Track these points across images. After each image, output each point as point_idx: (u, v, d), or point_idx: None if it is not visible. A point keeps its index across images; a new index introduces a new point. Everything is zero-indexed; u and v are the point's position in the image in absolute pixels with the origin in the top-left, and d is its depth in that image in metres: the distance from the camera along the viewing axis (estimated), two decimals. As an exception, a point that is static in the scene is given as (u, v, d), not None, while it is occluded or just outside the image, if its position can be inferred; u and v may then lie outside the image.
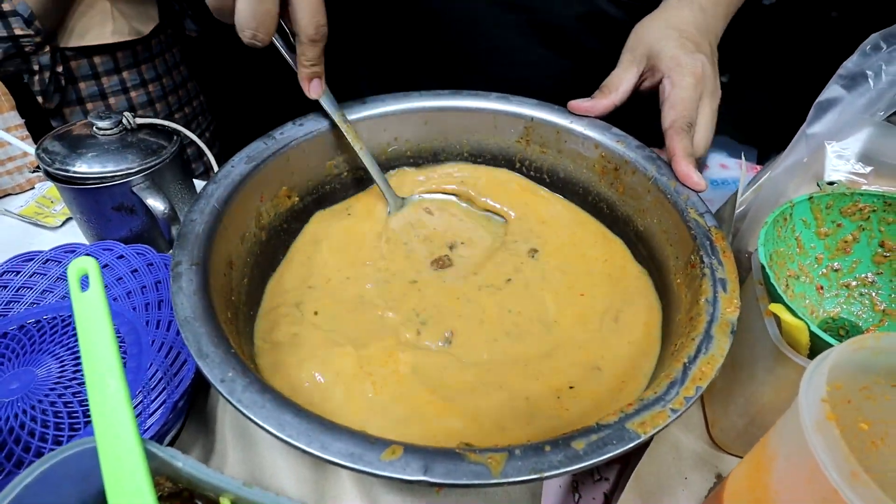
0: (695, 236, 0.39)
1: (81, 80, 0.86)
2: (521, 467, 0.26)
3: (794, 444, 0.26)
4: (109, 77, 0.87)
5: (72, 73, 0.85)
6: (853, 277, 0.40)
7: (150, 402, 0.39)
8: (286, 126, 0.47)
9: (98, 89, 0.87)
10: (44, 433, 0.38)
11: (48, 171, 0.49)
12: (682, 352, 0.33)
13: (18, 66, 0.78)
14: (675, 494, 0.39)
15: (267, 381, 0.31)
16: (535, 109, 0.50)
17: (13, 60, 0.77)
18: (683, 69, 0.44)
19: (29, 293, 0.48)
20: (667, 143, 0.43)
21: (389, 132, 0.52)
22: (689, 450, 0.42)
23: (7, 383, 0.40)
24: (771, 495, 0.27)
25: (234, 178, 0.42)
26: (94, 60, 0.85)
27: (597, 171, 0.49)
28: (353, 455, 0.27)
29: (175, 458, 0.27)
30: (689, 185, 0.42)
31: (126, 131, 0.51)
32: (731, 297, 0.35)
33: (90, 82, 0.86)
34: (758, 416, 0.37)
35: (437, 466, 0.26)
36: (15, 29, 0.75)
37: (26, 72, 0.79)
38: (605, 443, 0.27)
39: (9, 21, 0.74)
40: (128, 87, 0.90)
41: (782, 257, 0.39)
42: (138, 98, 0.91)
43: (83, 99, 0.87)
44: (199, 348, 0.31)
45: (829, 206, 0.38)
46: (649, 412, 0.29)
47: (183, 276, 0.35)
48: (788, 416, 0.27)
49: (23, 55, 0.78)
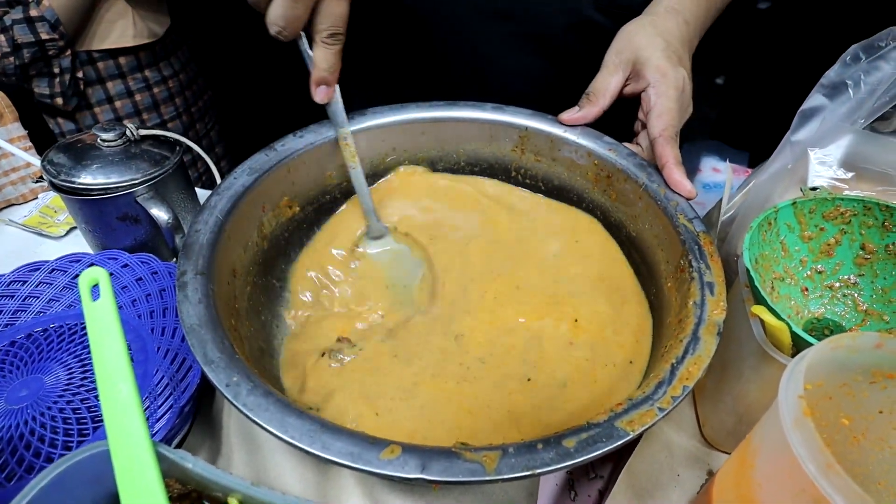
0: (684, 241, 0.40)
1: (108, 79, 0.90)
2: (514, 464, 0.28)
3: (775, 440, 0.27)
4: (133, 76, 0.91)
5: (99, 73, 0.88)
6: (836, 279, 0.41)
7: (157, 408, 0.40)
8: (287, 138, 0.48)
9: (125, 88, 0.91)
10: (53, 439, 0.39)
11: (53, 183, 0.50)
12: (670, 353, 0.34)
13: (40, 70, 0.82)
14: (667, 491, 0.41)
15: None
16: (530, 119, 0.52)
17: (36, 64, 0.80)
18: (669, 81, 0.46)
19: (35, 302, 0.49)
20: (657, 151, 0.45)
21: (388, 143, 0.53)
22: (681, 448, 0.43)
23: (16, 391, 0.41)
24: (755, 488, 0.29)
25: (237, 189, 0.43)
26: (120, 61, 0.89)
27: (590, 178, 0.51)
28: (353, 454, 0.28)
29: (185, 460, 0.28)
30: (681, 192, 0.43)
31: (130, 142, 0.53)
32: (717, 299, 0.36)
33: (116, 81, 0.90)
34: (745, 413, 0.39)
35: (433, 465, 0.28)
36: (41, 34, 0.78)
37: (47, 75, 0.82)
38: (594, 440, 0.29)
39: (35, 26, 0.77)
40: (148, 85, 0.94)
41: (768, 260, 0.40)
42: (159, 95, 0.95)
43: (112, 98, 0.91)
44: (205, 354, 0.33)
45: (812, 211, 0.40)
46: (637, 411, 0.30)
47: (188, 285, 0.36)
48: (770, 413, 0.29)
49: (45, 59, 0.81)
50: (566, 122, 0.50)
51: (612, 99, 0.49)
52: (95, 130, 0.51)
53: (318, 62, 0.42)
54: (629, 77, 0.49)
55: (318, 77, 0.43)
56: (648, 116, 0.47)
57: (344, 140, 0.48)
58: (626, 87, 0.49)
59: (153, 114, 0.96)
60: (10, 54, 0.78)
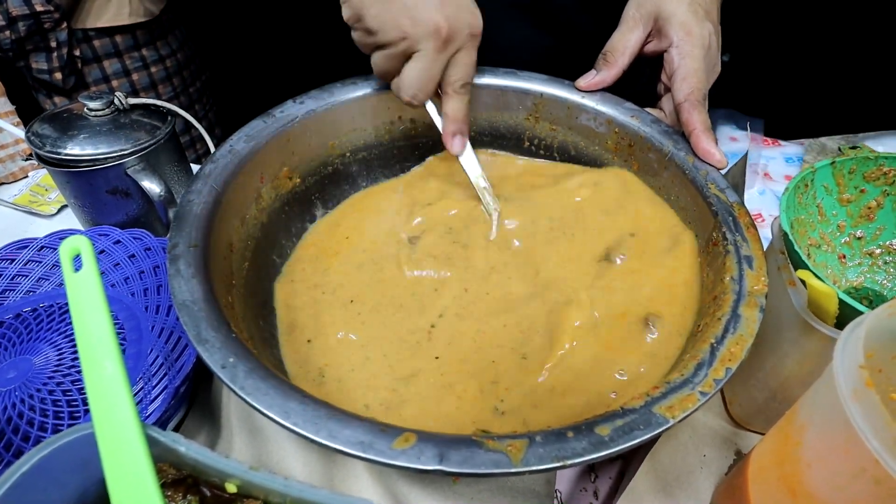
0: (716, 213, 0.37)
1: (105, 58, 0.87)
2: (542, 455, 0.25)
3: (828, 414, 0.24)
4: (130, 55, 0.89)
5: (95, 52, 0.86)
6: (877, 245, 0.38)
7: (152, 389, 0.38)
8: (286, 104, 0.45)
9: (121, 67, 0.89)
10: (43, 422, 0.36)
11: (39, 155, 0.47)
12: (707, 332, 0.31)
13: (37, 45, 0.80)
14: (692, 472, 0.38)
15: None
16: (545, 85, 0.49)
17: (33, 38, 0.78)
18: (694, 39, 0.42)
19: (24, 281, 0.47)
20: (682, 117, 0.42)
21: (393, 111, 0.50)
22: (706, 427, 0.41)
23: (4, 372, 0.39)
24: (802, 468, 0.26)
25: (233, 157, 0.41)
26: (116, 39, 0.87)
27: (610, 147, 0.48)
28: (364, 444, 0.25)
29: (177, 443, 0.26)
30: (711, 162, 0.40)
31: (118, 112, 0.50)
32: (758, 274, 0.33)
33: (113, 59, 0.88)
34: (779, 390, 0.36)
35: (452, 455, 0.25)
36: (36, 5, 0.75)
37: (44, 49, 0.80)
38: (631, 428, 0.26)
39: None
40: (145, 65, 0.91)
41: (803, 225, 0.37)
42: (157, 75, 0.94)
43: (108, 77, 0.89)
44: (199, 333, 0.30)
45: (853, 171, 0.37)
46: (677, 395, 0.28)
47: (180, 258, 0.34)
48: (820, 385, 0.26)
49: (42, 32, 0.78)
50: (583, 89, 0.47)
51: (632, 58, 0.45)
52: (82, 99, 0.49)
53: (454, 113, 0.43)
54: (650, 34, 0.45)
55: (454, 129, 0.43)
56: (672, 79, 0.43)
57: (482, 186, 0.46)
58: (648, 46, 0.45)
59: (151, 93, 0.94)
60: (6, 28, 0.76)
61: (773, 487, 0.29)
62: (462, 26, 0.40)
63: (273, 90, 0.68)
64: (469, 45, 0.41)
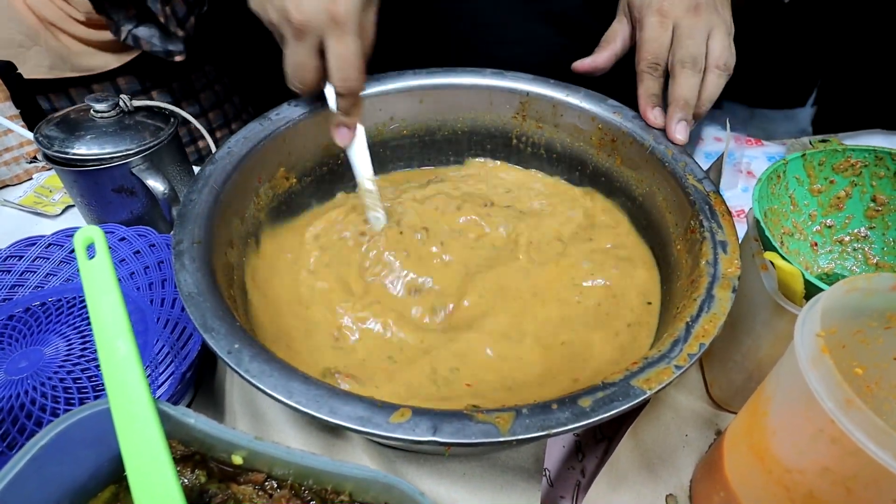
0: (693, 202, 0.39)
1: None
2: (528, 425, 0.27)
3: (791, 382, 0.26)
4: None
5: None
6: (846, 233, 0.41)
7: (159, 375, 0.39)
8: (282, 107, 0.47)
9: None
10: (54, 408, 0.38)
11: (47, 155, 0.49)
12: (683, 312, 0.33)
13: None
14: (675, 451, 0.40)
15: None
16: (531, 84, 0.51)
17: None
18: (650, 8, 0.43)
19: (33, 277, 0.48)
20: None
21: (385, 112, 0.52)
22: (688, 410, 0.43)
23: (16, 362, 0.40)
24: (768, 436, 0.28)
25: (232, 158, 0.42)
26: None
27: (594, 143, 0.50)
28: (363, 419, 0.27)
29: (187, 416, 0.28)
30: (648, 123, 0.43)
31: (124, 114, 0.52)
32: (731, 257, 0.35)
33: None
34: (756, 370, 0.38)
35: (445, 426, 0.27)
36: None
37: None
38: (611, 399, 0.28)
39: None
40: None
41: (776, 215, 0.39)
42: None
43: None
44: (205, 322, 0.32)
45: (822, 163, 0.39)
46: (654, 369, 0.29)
47: (185, 253, 0.35)
48: (785, 358, 0.28)
49: None
50: (578, 70, 0.49)
51: (624, 45, 0.47)
52: (88, 101, 0.50)
53: (340, 104, 0.42)
54: (634, 24, 0.47)
55: (336, 121, 0.44)
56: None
57: (367, 188, 0.45)
58: (635, 36, 0.47)
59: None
60: None
61: (744, 457, 0.31)
62: (315, 11, 0.37)
63: (271, 92, 0.69)
64: (334, 32, 0.38)
